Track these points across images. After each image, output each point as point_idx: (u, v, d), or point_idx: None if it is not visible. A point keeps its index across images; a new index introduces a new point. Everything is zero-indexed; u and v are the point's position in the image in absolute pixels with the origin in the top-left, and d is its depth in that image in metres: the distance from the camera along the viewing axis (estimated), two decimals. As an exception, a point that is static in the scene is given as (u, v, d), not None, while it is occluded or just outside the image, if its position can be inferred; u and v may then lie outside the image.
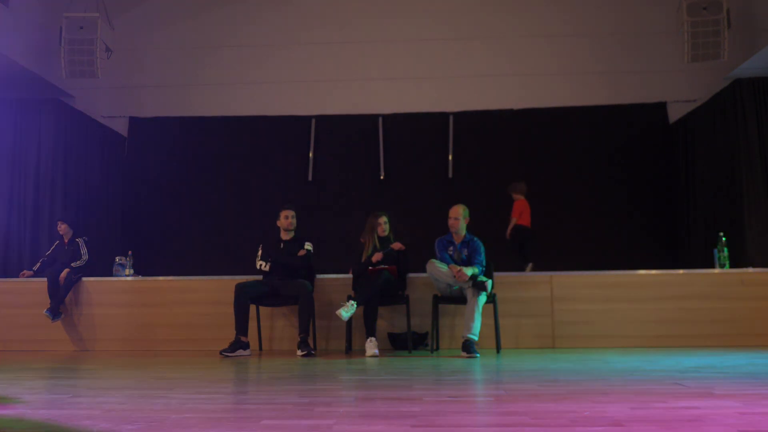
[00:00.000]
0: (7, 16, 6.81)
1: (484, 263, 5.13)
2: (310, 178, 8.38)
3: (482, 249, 5.19)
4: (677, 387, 2.97)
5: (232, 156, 8.50)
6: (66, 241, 6.16)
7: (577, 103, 8.24)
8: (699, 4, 6.57)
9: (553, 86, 8.30)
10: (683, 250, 7.72)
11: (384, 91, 8.46)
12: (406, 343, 5.25)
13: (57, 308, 5.72)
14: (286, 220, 5.44)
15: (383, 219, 5.39)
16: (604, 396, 2.73)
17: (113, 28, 7.56)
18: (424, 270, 5.16)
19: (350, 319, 4.95)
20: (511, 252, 6.78)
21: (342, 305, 4.89)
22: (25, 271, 6.20)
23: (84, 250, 6.06)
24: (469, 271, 4.90)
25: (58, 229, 6.20)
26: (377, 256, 5.20)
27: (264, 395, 2.98)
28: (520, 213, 6.91)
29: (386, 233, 5.38)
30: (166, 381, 3.51)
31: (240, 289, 5.19)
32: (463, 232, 5.23)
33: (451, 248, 5.23)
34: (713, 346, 5.24)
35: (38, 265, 6.19)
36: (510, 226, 6.92)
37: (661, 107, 8.18)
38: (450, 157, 8.24)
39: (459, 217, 5.18)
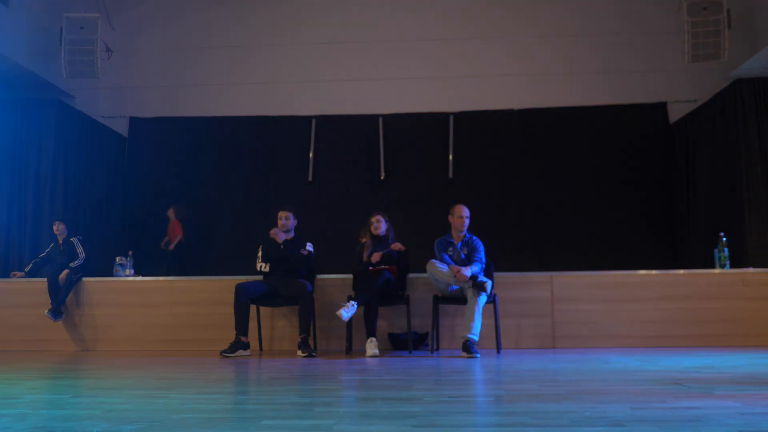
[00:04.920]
0: (7, 16, 6.81)
1: (483, 261, 5.14)
2: (310, 178, 8.38)
3: (482, 247, 5.20)
4: (677, 387, 2.98)
5: (232, 156, 8.50)
6: (61, 241, 6.16)
7: (577, 103, 8.24)
8: (699, 4, 6.56)
9: (554, 86, 8.30)
10: (683, 250, 7.72)
11: (384, 91, 8.45)
12: (407, 343, 5.25)
13: (58, 309, 5.72)
14: (279, 221, 5.45)
15: (376, 218, 5.39)
16: (604, 396, 2.73)
17: (113, 28, 7.57)
18: (424, 270, 5.16)
19: (350, 319, 4.95)
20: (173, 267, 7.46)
21: (342, 305, 4.89)
22: (15, 272, 6.19)
23: (80, 249, 6.05)
24: (468, 272, 4.90)
25: (55, 229, 6.19)
26: (376, 256, 5.20)
27: (264, 395, 2.98)
28: (174, 231, 7.62)
29: (380, 232, 5.36)
30: (167, 381, 3.51)
31: (240, 289, 5.18)
32: (464, 231, 5.26)
33: (451, 248, 5.24)
34: (713, 346, 5.24)
35: (30, 266, 6.17)
36: (174, 243, 7.75)
37: (661, 107, 8.18)
38: (450, 157, 8.24)
39: (468, 216, 5.21)
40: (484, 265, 5.14)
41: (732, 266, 5.75)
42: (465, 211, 5.23)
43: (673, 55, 7.44)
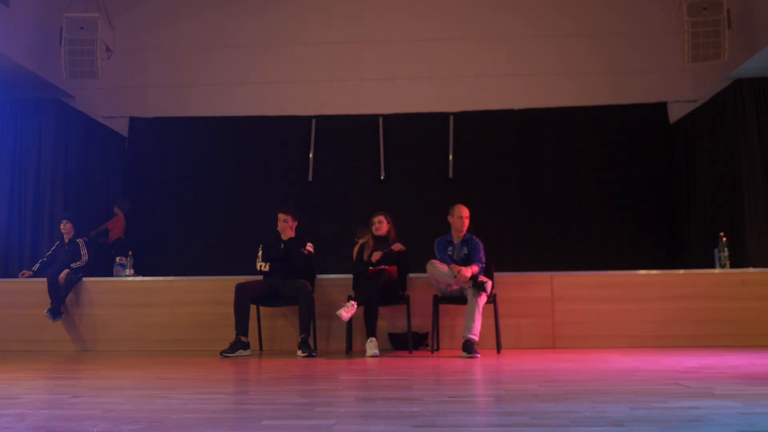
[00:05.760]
0: (7, 16, 6.81)
1: (483, 261, 5.15)
2: (310, 178, 8.38)
3: (481, 247, 5.20)
4: (677, 387, 2.98)
5: (232, 156, 8.49)
6: (66, 241, 6.16)
7: (577, 103, 8.23)
8: (699, 4, 6.55)
9: (553, 86, 8.29)
10: (683, 250, 7.72)
11: (384, 91, 8.45)
12: (407, 343, 5.25)
13: (58, 308, 5.72)
14: (279, 223, 5.44)
15: (377, 219, 5.40)
16: (604, 396, 2.73)
17: (113, 28, 7.56)
18: (424, 270, 5.16)
19: (350, 319, 4.95)
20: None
21: (342, 305, 4.89)
22: (24, 271, 6.20)
23: (84, 251, 6.06)
24: (469, 272, 4.91)
25: (62, 228, 6.19)
26: (376, 256, 5.20)
27: (264, 395, 2.98)
28: (116, 227, 7.63)
29: (381, 233, 5.36)
30: (167, 381, 3.51)
31: (240, 289, 5.19)
32: (464, 231, 5.26)
33: (451, 248, 5.24)
34: (713, 346, 5.24)
35: (37, 265, 6.19)
36: (113, 239, 7.57)
37: (661, 107, 8.17)
38: (450, 157, 8.24)
39: (468, 216, 5.21)
40: (483, 266, 5.14)
41: (732, 266, 5.75)
42: (465, 212, 5.24)
43: (673, 55, 7.43)
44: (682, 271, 5.74)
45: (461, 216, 5.22)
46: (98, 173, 8.04)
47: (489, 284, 4.95)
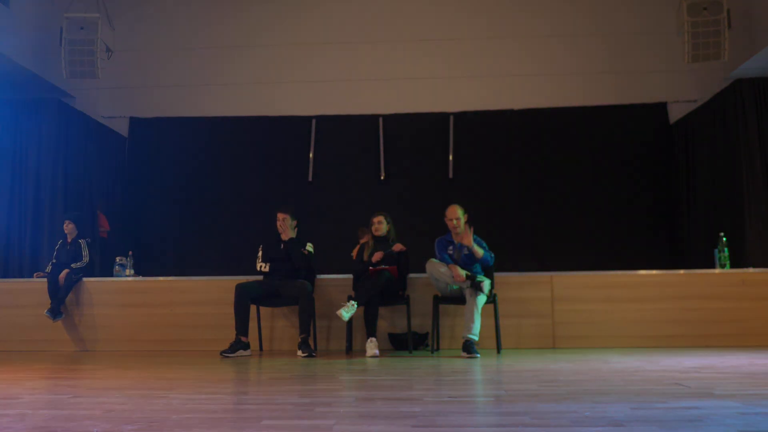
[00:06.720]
0: (7, 16, 6.81)
1: (489, 251, 5.14)
2: (310, 179, 8.38)
3: (483, 245, 5.18)
4: (677, 387, 2.98)
5: (232, 156, 8.49)
6: (69, 240, 6.15)
7: (576, 104, 8.23)
8: (699, 4, 6.56)
9: (553, 86, 8.29)
10: (683, 251, 7.72)
11: (384, 91, 8.45)
12: (407, 343, 5.25)
13: (57, 309, 5.72)
14: (278, 222, 5.44)
15: (377, 219, 5.40)
16: (604, 396, 2.73)
17: (113, 28, 7.56)
18: (424, 270, 5.16)
19: (351, 319, 4.95)
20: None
21: (342, 305, 4.89)
22: (38, 273, 6.18)
23: (86, 252, 6.05)
24: (478, 255, 4.95)
25: (65, 228, 6.19)
26: (377, 256, 5.20)
27: (264, 395, 2.98)
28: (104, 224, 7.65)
29: (381, 233, 5.37)
30: (167, 381, 3.51)
31: (240, 289, 5.19)
32: (462, 230, 5.24)
33: (451, 248, 5.23)
34: (713, 346, 5.24)
35: (49, 266, 6.18)
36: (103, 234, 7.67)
37: (661, 107, 8.17)
38: (450, 157, 8.24)
39: (459, 217, 5.17)
40: (492, 254, 5.12)
41: (732, 266, 5.75)
42: (454, 213, 5.17)
43: (673, 55, 7.43)
44: (682, 271, 5.74)
45: (450, 218, 5.17)
46: (98, 173, 8.03)
47: (486, 284, 4.93)
